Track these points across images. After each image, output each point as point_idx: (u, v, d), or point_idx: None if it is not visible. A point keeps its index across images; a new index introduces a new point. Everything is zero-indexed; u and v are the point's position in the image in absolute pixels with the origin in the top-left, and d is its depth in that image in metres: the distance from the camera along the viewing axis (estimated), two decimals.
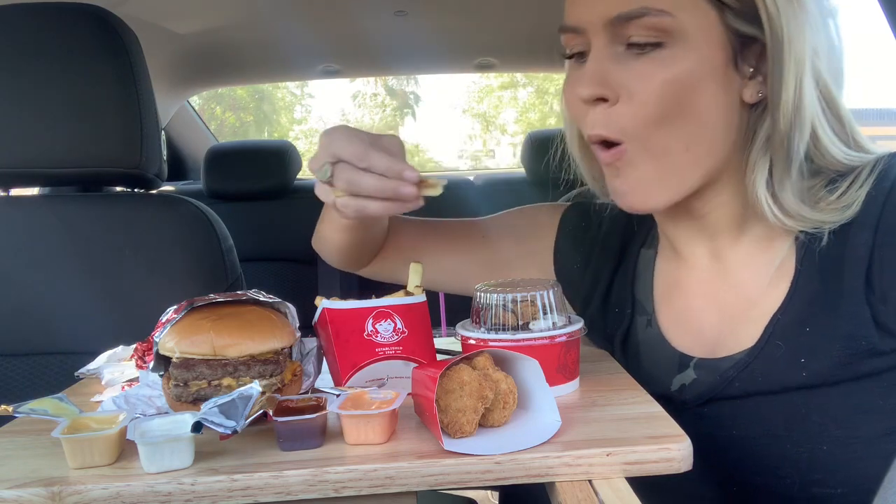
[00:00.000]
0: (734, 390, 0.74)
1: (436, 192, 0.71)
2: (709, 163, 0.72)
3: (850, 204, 0.69)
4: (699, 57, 0.68)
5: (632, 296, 0.87)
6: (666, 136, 0.70)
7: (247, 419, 0.59)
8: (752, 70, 0.70)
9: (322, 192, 0.75)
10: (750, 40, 0.69)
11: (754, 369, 0.73)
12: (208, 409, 0.60)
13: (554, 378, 0.71)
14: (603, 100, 0.70)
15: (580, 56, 0.74)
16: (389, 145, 0.73)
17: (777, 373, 0.71)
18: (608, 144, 0.73)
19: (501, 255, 0.97)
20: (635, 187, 0.73)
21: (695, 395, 0.76)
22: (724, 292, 0.79)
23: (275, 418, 0.60)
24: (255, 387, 0.62)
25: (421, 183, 0.71)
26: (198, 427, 0.58)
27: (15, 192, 1.25)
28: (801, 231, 0.73)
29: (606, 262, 0.91)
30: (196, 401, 0.67)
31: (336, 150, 0.72)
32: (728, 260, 0.79)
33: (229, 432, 0.58)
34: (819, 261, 0.71)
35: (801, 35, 0.67)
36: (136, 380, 0.81)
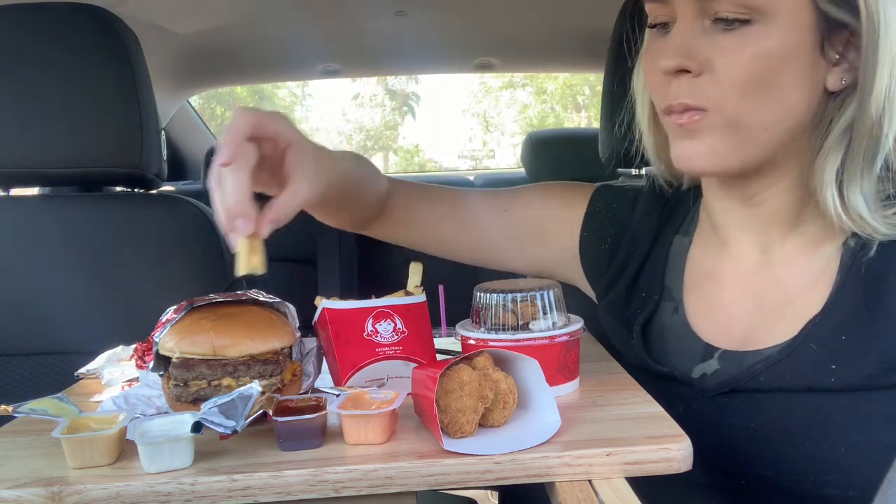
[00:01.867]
0: (758, 384, 0.73)
1: (250, 267, 0.63)
2: (783, 143, 0.71)
3: None
4: (787, 37, 0.67)
5: (661, 282, 0.86)
6: (748, 113, 0.69)
7: (247, 419, 0.59)
8: (837, 57, 0.69)
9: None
10: (839, 26, 0.68)
11: (783, 367, 0.72)
12: (208, 409, 0.60)
13: (554, 378, 0.71)
14: (686, 71, 0.70)
15: (663, 27, 0.73)
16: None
17: (806, 374, 0.71)
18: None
19: (523, 231, 0.95)
20: (704, 151, 0.71)
21: (715, 385, 0.76)
22: (764, 286, 0.78)
23: (275, 418, 0.60)
24: (255, 387, 0.62)
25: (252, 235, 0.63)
26: (198, 427, 0.58)
27: (15, 192, 1.25)
28: (852, 237, 0.72)
29: (638, 248, 0.89)
30: (196, 401, 0.67)
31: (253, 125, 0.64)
32: (775, 254, 0.78)
33: (229, 432, 0.58)
34: (864, 272, 0.71)
35: None
36: (136, 380, 0.81)
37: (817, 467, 0.71)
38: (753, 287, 0.79)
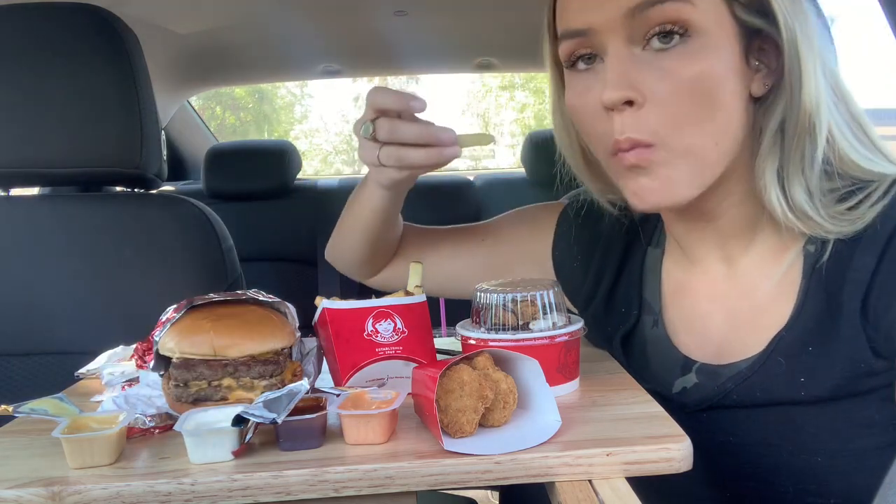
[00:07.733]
0: (731, 401, 0.74)
1: (484, 141, 0.76)
2: (732, 155, 0.70)
3: (859, 220, 0.67)
4: (720, 50, 0.66)
5: (639, 295, 0.85)
6: (697, 133, 0.67)
7: (287, 413, 0.60)
8: (757, 63, 0.69)
9: (364, 149, 0.77)
10: (754, 34, 0.68)
11: (753, 382, 0.72)
12: (255, 403, 0.61)
13: (554, 378, 0.71)
14: (629, 103, 0.67)
15: (587, 60, 0.71)
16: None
17: (775, 388, 0.71)
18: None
19: (502, 258, 0.97)
20: (663, 185, 0.69)
21: (695, 401, 0.76)
22: (733, 298, 0.78)
23: None
24: (304, 384, 0.63)
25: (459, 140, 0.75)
26: (238, 420, 0.59)
27: (15, 192, 1.25)
28: (810, 242, 0.72)
29: (610, 261, 0.89)
30: (196, 401, 0.67)
31: (378, 103, 0.75)
32: (739, 265, 0.77)
33: (268, 422, 0.59)
34: (825, 277, 0.70)
35: (810, 27, 0.66)
36: (136, 380, 0.81)
37: (796, 477, 0.71)
38: (724, 298, 0.79)
